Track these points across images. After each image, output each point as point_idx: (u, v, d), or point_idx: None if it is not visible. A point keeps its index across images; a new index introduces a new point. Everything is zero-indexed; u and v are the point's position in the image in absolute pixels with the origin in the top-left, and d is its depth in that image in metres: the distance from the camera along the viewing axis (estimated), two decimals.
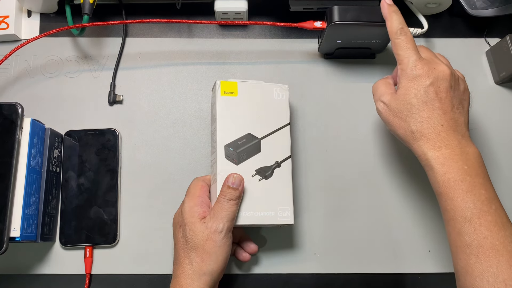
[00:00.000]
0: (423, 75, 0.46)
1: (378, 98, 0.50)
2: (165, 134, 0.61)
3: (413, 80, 0.46)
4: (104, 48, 0.64)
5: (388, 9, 0.51)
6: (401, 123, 0.47)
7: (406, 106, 0.46)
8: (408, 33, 0.49)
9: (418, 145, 0.46)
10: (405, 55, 0.47)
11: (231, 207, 0.47)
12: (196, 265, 0.46)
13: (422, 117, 0.46)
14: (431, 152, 0.45)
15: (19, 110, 0.51)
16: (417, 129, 0.46)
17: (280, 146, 0.52)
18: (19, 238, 0.49)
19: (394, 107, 0.47)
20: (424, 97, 0.46)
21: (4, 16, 0.62)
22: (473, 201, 0.42)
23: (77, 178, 0.57)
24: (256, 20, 0.63)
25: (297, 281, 0.57)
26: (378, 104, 0.50)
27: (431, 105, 0.46)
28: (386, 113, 0.48)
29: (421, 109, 0.46)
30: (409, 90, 0.46)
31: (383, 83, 0.51)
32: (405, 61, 0.47)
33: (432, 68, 0.46)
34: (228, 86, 0.53)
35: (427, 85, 0.46)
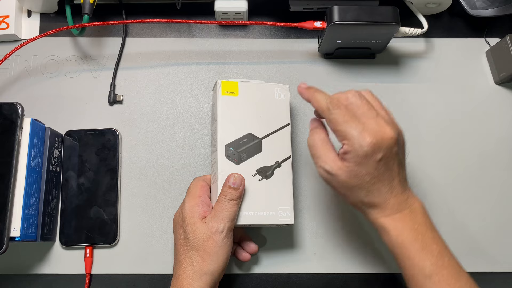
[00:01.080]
0: (374, 150, 0.42)
1: (320, 164, 0.45)
2: (165, 134, 0.61)
3: (364, 158, 0.42)
4: (104, 48, 0.64)
5: (308, 91, 0.47)
6: (350, 194, 0.45)
7: (357, 181, 0.43)
8: (338, 103, 0.44)
9: (369, 212, 0.46)
10: (347, 130, 0.43)
11: (232, 207, 0.47)
12: (197, 265, 0.46)
13: (373, 189, 0.44)
14: (382, 218, 0.45)
15: (19, 110, 0.51)
16: (368, 201, 0.45)
17: (280, 146, 0.52)
18: (19, 238, 0.49)
19: (343, 180, 0.44)
20: (376, 172, 0.43)
21: (4, 16, 0.62)
22: (429, 258, 0.44)
23: (77, 178, 0.57)
24: (256, 20, 0.63)
25: (297, 281, 0.57)
26: (322, 172, 0.45)
27: (382, 178, 0.44)
28: (333, 184, 0.46)
29: (372, 183, 0.43)
30: (361, 168, 0.43)
31: (321, 144, 0.46)
32: (349, 137, 0.42)
33: (380, 139, 0.42)
34: (229, 85, 0.53)
35: (377, 160, 0.42)
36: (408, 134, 0.61)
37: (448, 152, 0.61)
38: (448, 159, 0.61)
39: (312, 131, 0.48)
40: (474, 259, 0.58)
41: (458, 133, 0.62)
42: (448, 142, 0.61)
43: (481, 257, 0.58)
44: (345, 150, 0.43)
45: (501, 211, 0.59)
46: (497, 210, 0.59)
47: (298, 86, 0.48)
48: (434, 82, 0.64)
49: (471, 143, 0.61)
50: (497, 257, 0.58)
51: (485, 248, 0.58)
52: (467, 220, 0.59)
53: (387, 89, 0.63)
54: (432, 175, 0.60)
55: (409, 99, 0.63)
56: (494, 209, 0.59)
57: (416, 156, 0.60)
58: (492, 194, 0.60)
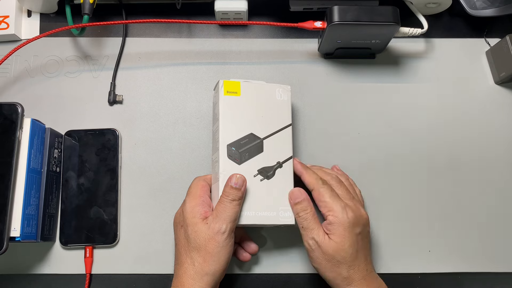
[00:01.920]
0: (355, 223, 0.48)
1: (312, 236, 0.48)
2: (165, 134, 0.61)
3: (348, 229, 0.47)
4: (104, 48, 0.64)
5: (301, 167, 0.52)
6: (332, 268, 0.47)
7: (343, 254, 0.47)
8: (325, 182, 0.50)
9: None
10: (335, 202, 0.48)
11: (233, 208, 0.47)
12: (198, 265, 0.46)
13: (354, 265, 0.47)
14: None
15: (19, 110, 0.51)
16: (349, 276, 0.47)
17: (282, 146, 0.52)
18: (19, 238, 0.49)
19: (329, 253, 0.47)
20: (356, 245, 0.47)
21: (4, 16, 0.62)
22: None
23: (77, 178, 0.57)
24: (256, 20, 0.63)
25: (297, 281, 0.57)
26: (311, 243, 0.48)
27: (361, 252, 0.48)
28: (319, 255, 0.47)
29: (354, 257, 0.47)
30: (346, 240, 0.47)
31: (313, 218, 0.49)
32: (336, 210, 0.47)
33: (358, 215, 0.48)
34: (231, 85, 0.53)
35: (358, 233, 0.48)
36: (408, 134, 0.62)
37: (448, 152, 0.61)
38: (448, 159, 0.61)
39: (302, 204, 0.49)
40: (474, 259, 0.58)
41: (458, 133, 0.62)
42: (448, 142, 0.61)
43: (481, 257, 0.58)
44: (330, 221, 0.47)
45: (501, 211, 0.59)
46: (497, 210, 0.59)
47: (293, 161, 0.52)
48: (434, 82, 0.64)
49: (471, 143, 0.61)
50: (497, 257, 0.58)
51: (485, 248, 0.58)
52: (467, 220, 0.59)
53: (387, 89, 0.63)
54: (432, 174, 0.60)
55: (409, 99, 0.63)
56: (494, 209, 0.59)
57: (416, 156, 0.60)
58: (492, 194, 0.60)
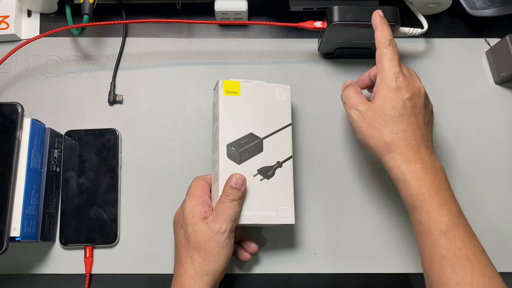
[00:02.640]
0: (403, 88, 0.47)
1: (351, 106, 0.49)
2: (165, 134, 0.61)
3: (392, 92, 0.46)
4: (104, 48, 0.64)
5: (381, 21, 0.51)
6: (375, 133, 0.47)
7: (383, 116, 0.46)
8: (395, 46, 0.49)
9: (391, 157, 0.46)
10: (390, 65, 0.48)
11: (233, 208, 0.47)
12: (198, 265, 0.46)
13: (398, 129, 0.46)
14: (404, 165, 0.45)
15: (19, 110, 0.51)
16: (392, 141, 0.46)
17: (281, 146, 0.52)
18: (19, 238, 0.49)
19: (369, 116, 0.47)
20: (402, 109, 0.46)
21: (4, 16, 0.62)
22: (447, 214, 0.44)
23: (77, 178, 0.57)
24: (256, 20, 0.63)
25: (297, 281, 0.57)
26: (352, 112, 0.49)
27: (407, 119, 0.46)
28: (360, 122, 0.48)
29: (397, 121, 0.46)
30: (387, 101, 0.46)
31: (354, 92, 0.50)
32: (387, 71, 0.47)
33: (411, 83, 0.47)
34: (231, 85, 0.53)
35: (405, 99, 0.46)
36: None
37: (447, 152, 0.61)
38: (447, 159, 0.61)
39: (347, 86, 0.52)
40: None
41: (458, 133, 0.62)
42: (448, 142, 0.61)
43: None
44: (377, 82, 0.48)
45: (501, 211, 0.59)
46: (497, 210, 0.59)
47: (376, 11, 0.52)
48: (434, 82, 0.64)
49: (471, 143, 0.61)
50: (497, 257, 0.58)
51: (485, 248, 0.58)
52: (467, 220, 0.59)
53: None
54: None
55: None
56: (494, 209, 0.59)
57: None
58: (492, 194, 0.60)
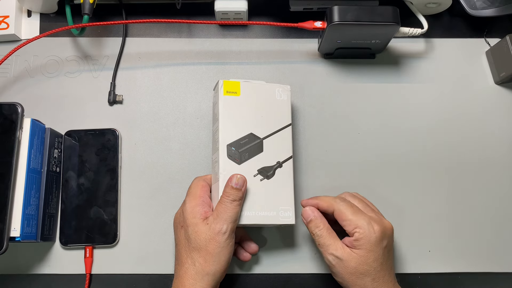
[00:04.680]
0: (382, 237, 0.47)
1: (329, 252, 0.48)
2: (165, 134, 0.61)
3: (374, 244, 0.47)
4: (104, 48, 0.64)
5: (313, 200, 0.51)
6: (356, 281, 0.47)
7: (366, 267, 0.47)
8: (343, 199, 0.50)
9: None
10: (358, 218, 0.48)
11: (234, 208, 0.47)
12: (199, 265, 0.46)
13: (378, 277, 0.47)
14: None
15: (19, 110, 0.51)
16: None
17: (281, 146, 0.52)
18: (19, 238, 0.49)
19: (352, 267, 0.47)
20: (382, 258, 0.47)
21: (4, 16, 0.62)
22: None
23: (77, 178, 0.57)
24: (256, 20, 0.63)
25: (297, 281, 0.57)
26: (331, 258, 0.48)
27: (385, 265, 0.48)
28: (341, 269, 0.47)
29: (378, 270, 0.47)
30: (371, 254, 0.47)
31: (327, 232, 0.49)
32: (360, 225, 0.47)
33: (384, 228, 0.48)
34: (231, 85, 0.53)
35: (383, 247, 0.48)
36: (408, 134, 0.62)
37: (447, 152, 0.61)
38: (447, 159, 0.61)
39: (314, 221, 0.50)
40: (474, 259, 0.58)
41: (458, 133, 0.62)
42: (448, 142, 0.61)
43: (481, 257, 0.58)
44: (356, 238, 0.47)
45: (501, 211, 0.59)
46: (497, 210, 0.59)
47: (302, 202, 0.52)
48: (434, 82, 0.64)
49: (471, 143, 0.61)
50: (497, 257, 0.58)
51: (485, 248, 0.58)
52: (467, 220, 0.59)
53: (387, 89, 0.63)
54: (432, 174, 0.60)
55: (409, 99, 0.63)
56: (494, 209, 0.59)
57: (415, 155, 0.60)
58: (492, 193, 0.60)
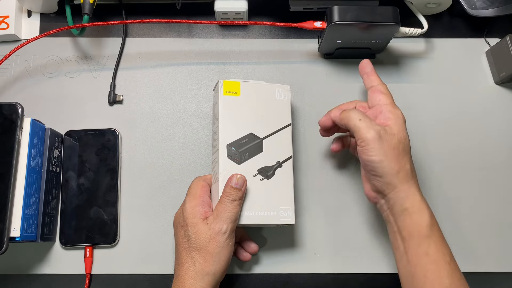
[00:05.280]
0: (404, 121, 0.48)
1: (372, 124, 0.47)
2: (165, 134, 0.61)
3: (404, 124, 0.48)
4: (104, 48, 0.64)
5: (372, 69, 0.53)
6: (398, 157, 0.46)
7: (404, 144, 0.47)
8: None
9: (410, 185, 0.46)
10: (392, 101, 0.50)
11: (234, 208, 0.47)
12: (199, 265, 0.46)
13: (410, 160, 0.47)
14: (420, 195, 0.46)
15: (19, 110, 0.51)
16: (411, 169, 0.47)
17: (281, 146, 0.52)
18: (19, 238, 0.49)
19: (395, 141, 0.46)
20: (408, 142, 0.48)
21: (4, 16, 0.62)
22: (447, 247, 0.46)
23: (77, 178, 0.57)
24: (256, 20, 0.63)
25: (297, 281, 0.57)
26: (375, 130, 0.46)
27: (410, 152, 0.48)
28: (386, 143, 0.46)
29: (408, 152, 0.47)
30: (404, 132, 0.47)
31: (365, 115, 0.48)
32: (394, 105, 0.49)
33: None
34: (231, 85, 0.53)
35: (406, 132, 0.48)
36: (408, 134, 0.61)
37: (448, 152, 0.61)
38: (448, 159, 0.61)
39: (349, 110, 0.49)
40: (474, 259, 0.58)
41: (458, 133, 0.62)
42: (448, 142, 0.61)
43: (481, 257, 0.58)
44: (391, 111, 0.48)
45: (501, 211, 0.59)
46: (497, 210, 0.59)
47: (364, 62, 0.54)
48: (434, 82, 0.64)
49: (471, 143, 0.61)
50: (497, 257, 0.58)
51: (485, 248, 0.58)
52: (467, 219, 0.59)
53: None
54: (432, 174, 0.60)
55: (409, 99, 0.63)
56: (494, 209, 0.59)
57: (416, 156, 0.60)
58: (492, 193, 0.60)
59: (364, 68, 0.54)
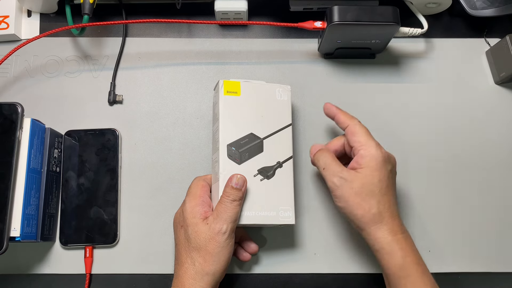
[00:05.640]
0: (386, 159, 0.48)
1: (334, 173, 0.48)
2: (165, 134, 0.61)
3: (380, 163, 0.47)
4: (104, 48, 0.64)
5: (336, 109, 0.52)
6: (362, 203, 0.46)
7: (371, 187, 0.47)
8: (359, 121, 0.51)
9: (377, 228, 0.46)
10: (368, 140, 0.49)
11: (234, 208, 0.47)
12: (198, 265, 0.46)
13: (384, 201, 0.47)
14: (390, 236, 0.46)
15: (19, 110, 0.51)
16: (379, 212, 0.46)
17: (282, 146, 0.52)
18: (19, 238, 0.49)
19: (357, 186, 0.47)
20: (387, 181, 0.47)
21: (4, 16, 0.62)
22: (430, 282, 0.46)
23: (77, 178, 0.57)
24: (256, 20, 0.63)
25: (297, 281, 0.57)
26: (336, 180, 0.48)
27: (391, 190, 0.48)
28: (346, 191, 0.47)
29: (384, 193, 0.47)
30: (376, 173, 0.47)
31: (332, 158, 0.50)
32: (369, 146, 0.48)
33: (389, 154, 0.49)
34: (231, 85, 0.53)
35: (389, 170, 0.48)
36: (408, 133, 0.62)
37: (448, 152, 0.61)
38: (448, 159, 0.61)
39: (320, 152, 0.51)
40: (474, 259, 0.58)
41: (458, 133, 0.62)
42: (448, 142, 0.61)
43: (481, 257, 0.58)
44: (362, 155, 0.48)
45: (501, 211, 0.59)
46: (497, 210, 0.59)
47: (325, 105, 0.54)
48: (434, 82, 0.64)
49: (471, 143, 0.61)
50: (497, 257, 0.58)
51: (485, 248, 0.58)
52: (467, 220, 0.59)
53: (387, 89, 0.63)
54: (431, 174, 0.60)
55: (409, 99, 0.63)
56: (494, 209, 0.59)
57: (416, 156, 0.60)
58: (492, 193, 0.60)
59: (330, 111, 0.53)
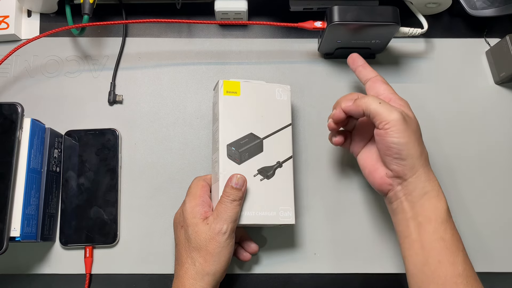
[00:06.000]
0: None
1: (393, 108, 0.45)
2: (165, 134, 0.61)
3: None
4: (104, 48, 0.64)
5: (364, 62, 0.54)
6: (419, 141, 0.46)
7: (419, 131, 0.47)
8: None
9: (429, 170, 0.46)
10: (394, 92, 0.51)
11: (234, 208, 0.47)
12: (199, 265, 0.46)
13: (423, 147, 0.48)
14: (437, 180, 0.47)
15: (19, 110, 0.51)
16: (426, 154, 0.47)
17: (281, 146, 0.52)
18: (19, 238, 0.49)
19: (415, 125, 0.47)
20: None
21: (4, 16, 0.62)
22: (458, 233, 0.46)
23: (77, 178, 0.57)
24: (256, 20, 0.63)
25: (297, 281, 0.57)
26: (397, 114, 0.44)
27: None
28: (410, 126, 0.45)
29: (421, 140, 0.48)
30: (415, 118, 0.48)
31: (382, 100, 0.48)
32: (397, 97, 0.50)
33: None
34: (231, 85, 0.53)
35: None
36: None
37: (448, 152, 0.61)
38: (448, 159, 0.61)
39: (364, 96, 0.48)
40: (472, 259, 0.57)
41: (458, 133, 0.62)
42: (448, 142, 0.61)
43: (481, 257, 0.58)
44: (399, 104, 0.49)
45: (501, 211, 0.59)
46: (497, 210, 0.59)
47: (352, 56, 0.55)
48: (434, 82, 0.64)
49: (471, 143, 0.61)
50: (497, 257, 0.58)
51: (485, 248, 0.58)
52: (467, 220, 0.59)
53: None
54: None
55: (409, 99, 0.62)
56: (494, 209, 0.59)
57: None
58: (492, 194, 0.60)
59: (355, 62, 0.54)
